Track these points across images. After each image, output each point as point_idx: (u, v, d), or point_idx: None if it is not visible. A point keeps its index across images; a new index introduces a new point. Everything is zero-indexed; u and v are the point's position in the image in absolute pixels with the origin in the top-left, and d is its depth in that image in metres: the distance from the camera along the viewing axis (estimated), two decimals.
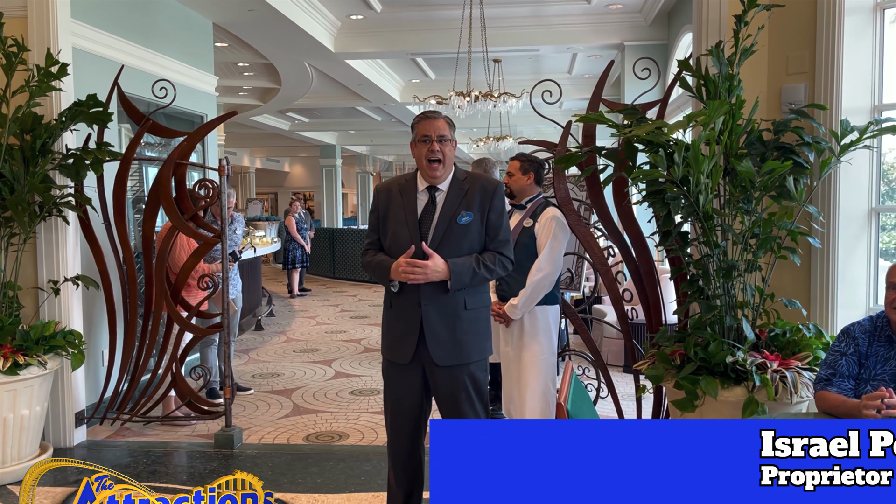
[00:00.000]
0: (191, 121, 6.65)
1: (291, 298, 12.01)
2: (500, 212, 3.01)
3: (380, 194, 3.10)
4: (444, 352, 2.92)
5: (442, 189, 3.00)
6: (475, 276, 2.91)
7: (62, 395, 4.52)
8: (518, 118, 15.08)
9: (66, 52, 4.47)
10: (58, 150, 4.39)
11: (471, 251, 2.96)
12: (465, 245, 2.95)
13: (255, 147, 22.87)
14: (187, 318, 4.71)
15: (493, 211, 3.00)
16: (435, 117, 2.99)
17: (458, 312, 2.93)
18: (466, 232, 2.94)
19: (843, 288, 3.72)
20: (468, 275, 2.89)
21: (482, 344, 3.03)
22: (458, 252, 2.92)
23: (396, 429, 3.05)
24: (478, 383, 3.00)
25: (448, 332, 2.92)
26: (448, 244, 2.92)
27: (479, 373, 3.01)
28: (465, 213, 2.94)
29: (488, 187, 3.00)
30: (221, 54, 9.49)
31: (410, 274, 2.82)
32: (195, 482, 3.99)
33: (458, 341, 2.93)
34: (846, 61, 3.65)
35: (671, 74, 7.84)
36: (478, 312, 3.01)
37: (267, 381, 6.37)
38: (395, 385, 3.04)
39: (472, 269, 2.89)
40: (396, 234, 2.97)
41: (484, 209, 2.97)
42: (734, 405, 3.18)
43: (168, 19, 6.31)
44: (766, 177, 3.25)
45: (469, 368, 2.97)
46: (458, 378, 2.95)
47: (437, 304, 2.90)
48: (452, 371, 2.94)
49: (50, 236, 4.46)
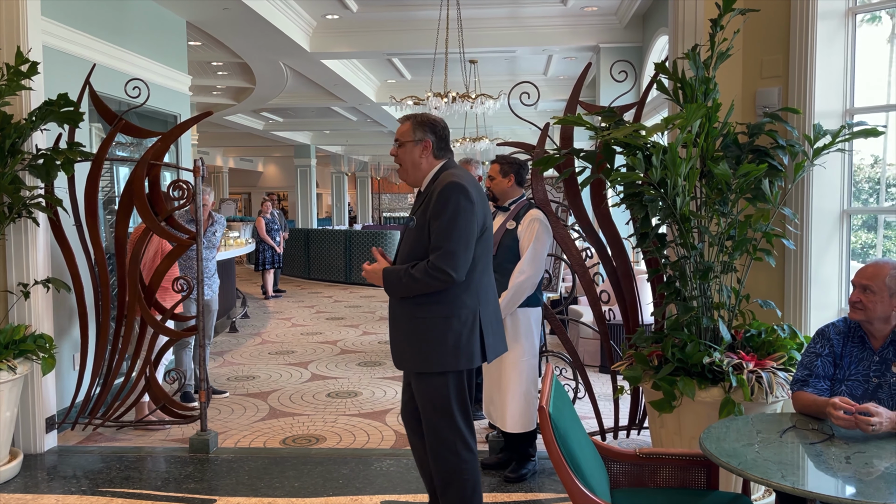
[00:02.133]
0: (164, 120, 6.56)
1: (266, 300, 11.91)
2: (440, 215, 2.78)
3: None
4: (396, 356, 3.02)
5: (421, 192, 3.03)
6: (400, 285, 2.86)
7: (32, 400, 4.42)
8: (493, 119, 15.13)
9: (36, 51, 4.38)
10: (27, 151, 4.30)
11: (413, 257, 2.89)
12: (408, 250, 2.94)
13: (229, 147, 22.65)
14: (162, 321, 4.64)
15: (434, 215, 2.81)
16: (401, 121, 3.03)
17: (400, 320, 2.96)
18: (415, 237, 2.91)
19: (815, 289, 3.78)
20: (395, 283, 2.88)
21: (427, 356, 2.88)
22: (410, 256, 2.93)
23: (409, 432, 3.19)
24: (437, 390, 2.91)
25: (396, 338, 3.00)
26: (404, 248, 2.98)
27: (421, 384, 2.94)
28: (412, 218, 2.96)
29: (439, 189, 2.83)
30: (195, 53, 9.38)
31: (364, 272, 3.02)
32: (170, 488, 3.94)
33: (401, 349, 2.99)
34: (819, 65, 3.71)
35: (646, 76, 7.94)
36: (425, 322, 2.87)
37: (242, 383, 6.30)
38: (403, 389, 3.19)
39: (398, 276, 2.86)
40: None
41: (426, 213, 2.85)
42: (711, 406, 3.21)
43: (141, 17, 6.22)
44: (741, 179, 3.29)
45: (416, 377, 2.98)
46: (417, 385, 2.99)
47: (392, 310, 3.00)
48: (413, 375, 3.01)
49: (19, 238, 4.37)
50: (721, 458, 2.25)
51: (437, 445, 2.95)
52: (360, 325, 9.39)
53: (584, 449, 2.42)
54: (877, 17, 4.08)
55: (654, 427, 3.55)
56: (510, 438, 4.06)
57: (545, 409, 2.20)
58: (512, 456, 4.07)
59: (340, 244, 14.35)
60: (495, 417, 4.03)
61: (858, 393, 2.58)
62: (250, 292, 12.45)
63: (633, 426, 4.37)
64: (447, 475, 2.95)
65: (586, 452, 2.43)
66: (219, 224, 5.61)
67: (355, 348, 7.80)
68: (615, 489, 2.67)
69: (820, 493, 2.00)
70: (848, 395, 2.58)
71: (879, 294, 2.52)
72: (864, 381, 2.59)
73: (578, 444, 2.36)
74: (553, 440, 2.19)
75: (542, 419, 2.21)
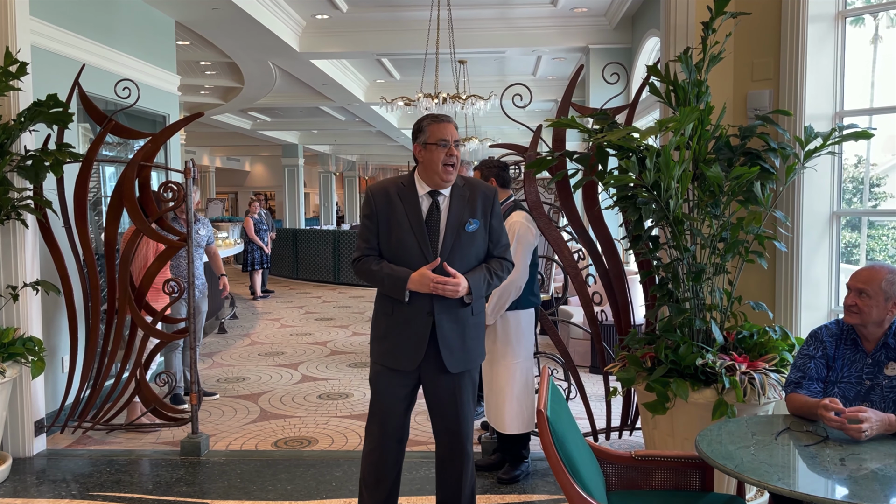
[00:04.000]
0: (153, 121, 6.51)
1: (254, 300, 11.85)
2: (500, 217, 3.07)
3: (376, 198, 2.96)
4: (455, 359, 2.94)
5: (444, 194, 2.97)
6: (489, 287, 3.00)
7: (21, 403, 4.38)
8: (482, 120, 15.12)
9: (25, 51, 4.34)
10: (16, 152, 4.26)
11: (477, 258, 2.99)
12: (472, 252, 2.96)
13: (216, 146, 22.53)
14: (152, 323, 4.61)
15: (496, 217, 3.03)
16: (449, 121, 2.98)
17: (468, 320, 2.97)
18: (474, 239, 2.95)
19: (805, 290, 3.81)
20: (483, 288, 2.96)
21: (483, 347, 3.11)
22: (467, 259, 2.93)
23: (387, 434, 3.03)
24: (475, 384, 3.09)
25: (459, 340, 2.95)
26: (457, 251, 2.91)
27: (475, 373, 3.10)
28: (472, 221, 2.94)
29: (488, 193, 3.03)
30: (183, 53, 9.32)
31: (442, 288, 2.81)
32: (161, 491, 3.91)
33: (467, 348, 2.98)
34: (809, 68, 3.74)
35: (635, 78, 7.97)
36: (480, 317, 3.06)
37: (232, 385, 6.27)
38: (388, 391, 3.01)
39: (486, 281, 2.96)
40: (402, 241, 2.91)
41: (486, 215, 2.99)
42: (704, 407, 3.23)
43: (129, 17, 6.17)
44: (734, 182, 3.31)
45: (471, 372, 3.04)
46: (462, 382, 3.00)
47: (449, 314, 2.91)
48: (457, 376, 2.98)
49: (8, 240, 4.33)
50: (717, 461, 2.27)
51: (465, 435, 3.01)
52: (350, 325, 9.37)
53: (581, 452, 2.43)
54: (860, 19, 4.11)
55: (647, 428, 3.56)
56: (503, 440, 4.06)
57: (543, 413, 2.20)
58: (505, 457, 4.08)
59: (329, 244, 14.31)
60: (493, 419, 4.03)
61: (851, 395, 2.60)
62: (238, 293, 12.39)
63: (626, 427, 4.39)
64: (470, 464, 3.05)
65: (583, 455, 2.43)
66: (202, 223, 5.57)
67: (345, 349, 7.78)
68: (610, 491, 2.67)
69: (816, 495, 2.02)
70: (840, 397, 2.60)
71: (875, 298, 2.54)
72: (857, 384, 2.61)
73: (576, 447, 2.37)
74: (551, 443, 2.19)
75: (540, 422, 2.21)
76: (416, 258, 2.87)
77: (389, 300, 2.95)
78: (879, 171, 5.17)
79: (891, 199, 5.29)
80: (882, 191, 5.32)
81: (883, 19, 4.36)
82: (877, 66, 4.30)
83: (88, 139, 5.57)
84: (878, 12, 4.14)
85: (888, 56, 4.26)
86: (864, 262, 3.98)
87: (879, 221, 5.20)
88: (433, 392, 2.99)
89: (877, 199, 5.28)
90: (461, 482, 3.02)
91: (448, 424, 3.00)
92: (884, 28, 4.38)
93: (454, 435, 3.00)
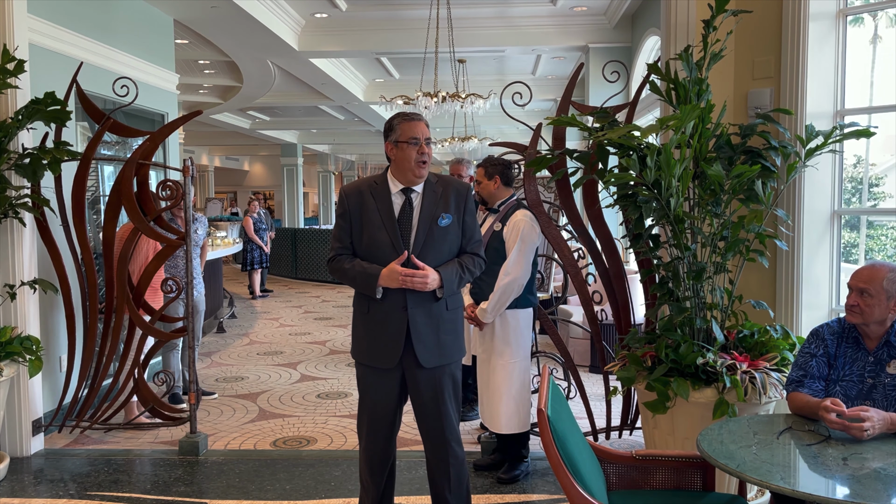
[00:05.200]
0: (151, 119, 6.49)
1: (253, 300, 11.83)
2: (473, 213, 3.08)
3: (349, 197, 3.01)
4: (429, 354, 2.95)
5: (417, 191, 2.99)
6: (461, 282, 2.99)
7: (19, 402, 4.36)
8: (481, 119, 15.12)
9: (22, 49, 4.32)
10: (14, 150, 4.24)
11: (450, 253, 3.00)
12: (445, 247, 2.97)
13: (214, 145, 22.48)
14: (150, 322, 4.59)
15: (469, 213, 3.05)
16: (419, 119, 2.99)
17: (442, 314, 2.98)
18: (446, 235, 2.97)
19: (806, 289, 3.80)
20: (455, 281, 2.95)
21: (461, 343, 3.09)
22: (440, 254, 2.95)
23: (375, 433, 3.04)
24: (456, 382, 3.07)
25: (433, 335, 2.95)
26: (430, 246, 2.93)
27: (456, 371, 3.08)
28: (444, 216, 2.96)
29: (461, 189, 3.05)
30: (182, 51, 9.29)
31: (410, 280, 2.82)
32: (159, 491, 3.89)
33: (441, 343, 2.97)
34: (810, 66, 3.73)
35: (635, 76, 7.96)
36: (457, 313, 3.07)
37: (231, 384, 6.25)
38: (374, 390, 3.03)
39: (458, 274, 2.96)
40: (374, 238, 2.94)
41: (460, 210, 3.02)
42: (705, 406, 3.21)
43: (128, 15, 6.15)
44: (734, 180, 3.29)
45: (450, 368, 3.02)
46: (440, 378, 2.99)
47: (423, 308, 2.93)
48: (435, 372, 2.97)
49: (5, 239, 4.31)
50: (719, 460, 2.25)
51: (448, 435, 2.99)
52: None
53: (582, 451, 2.42)
54: (859, 19, 4.11)
55: (648, 428, 3.55)
56: (502, 439, 4.05)
57: (544, 412, 2.19)
58: (504, 457, 4.06)
59: (328, 244, 14.28)
60: (487, 419, 4.01)
61: (853, 393, 2.59)
62: (237, 292, 12.37)
63: (626, 427, 4.37)
64: (459, 465, 3.03)
65: (584, 455, 2.42)
66: (199, 222, 5.55)
67: (344, 349, 7.76)
68: (611, 491, 2.66)
69: (818, 494, 2.00)
70: (842, 395, 2.59)
71: (877, 297, 2.53)
72: (859, 382, 2.60)
73: (576, 447, 2.35)
74: (552, 443, 2.18)
75: (540, 422, 2.20)
76: (389, 255, 2.90)
77: (366, 299, 2.97)
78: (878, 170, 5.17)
79: (890, 199, 5.29)
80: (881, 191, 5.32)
81: (882, 19, 4.35)
82: (876, 65, 4.30)
83: (86, 137, 5.56)
84: (878, 11, 4.12)
85: (888, 56, 4.25)
86: (863, 262, 3.96)
87: (878, 221, 5.20)
88: (415, 390, 3.00)
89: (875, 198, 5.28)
90: (450, 482, 3.01)
91: (431, 424, 3.01)
92: (883, 28, 4.38)
93: (437, 435, 3.00)
